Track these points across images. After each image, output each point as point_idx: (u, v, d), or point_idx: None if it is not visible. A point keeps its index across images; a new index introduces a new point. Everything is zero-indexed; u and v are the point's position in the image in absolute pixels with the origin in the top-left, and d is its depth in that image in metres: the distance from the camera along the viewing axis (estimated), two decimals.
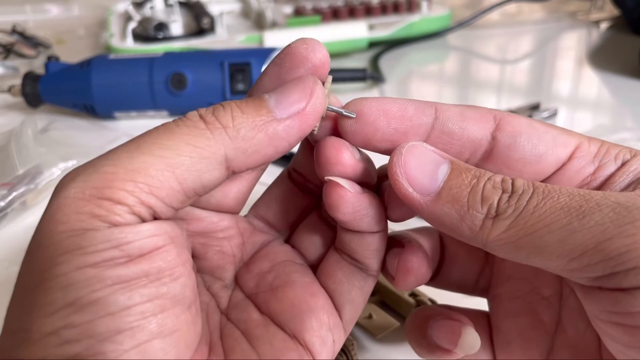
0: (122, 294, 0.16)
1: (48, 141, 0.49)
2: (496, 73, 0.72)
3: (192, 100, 0.54)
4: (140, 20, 0.69)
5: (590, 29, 0.84)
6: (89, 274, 0.16)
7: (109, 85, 0.54)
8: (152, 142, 0.17)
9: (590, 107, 0.61)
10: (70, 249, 0.16)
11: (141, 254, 0.17)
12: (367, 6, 0.74)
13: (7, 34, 0.73)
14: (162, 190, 0.17)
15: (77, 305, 0.16)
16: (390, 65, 0.69)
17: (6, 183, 0.41)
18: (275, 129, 0.18)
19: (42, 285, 0.16)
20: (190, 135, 0.18)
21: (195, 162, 0.17)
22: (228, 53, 0.55)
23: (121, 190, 0.17)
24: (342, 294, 0.22)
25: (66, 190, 0.17)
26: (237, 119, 0.18)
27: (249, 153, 0.18)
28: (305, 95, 0.19)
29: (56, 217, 0.16)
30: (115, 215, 0.16)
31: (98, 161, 0.17)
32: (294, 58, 0.20)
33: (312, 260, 0.23)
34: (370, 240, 0.21)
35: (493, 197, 0.18)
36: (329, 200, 0.20)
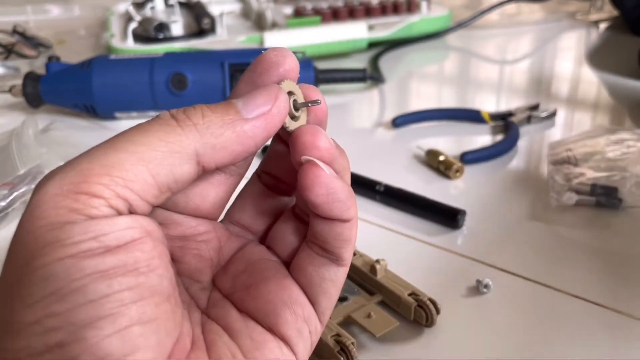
0: (101, 282, 0.17)
1: (49, 141, 0.49)
2: (496, 73, 0.72)
3: (192, 100, 0.55)
4: (140, 21, 0.69)
5: (590, 30, 0.85)
6: (68, 264, 0.16)
7: (110, 86, 0.54)
8: (126, 140, 0.18)
9: (589, 107, 0.61)
10: (50, 241, 0.17)
11: (118, 245, 0.17)
12: (366, 7, 0.74)
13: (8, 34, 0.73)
14: (137, 184, 0.18)
15: (57, 295, 0.16)
16: (390, 66, 0.69)
17: (7, 183, 0.41)
18: (242, 127, 0.20)
19: (24, 278, 0.17)
20: (162, 132, 0.19)
21: (167, 156, 0.18)
22: (228, 53, 0.55)
23: (97, 184, 0.17)
24: (314, 287, 0.23)
25: (44, 187, 0.17)
26: (207, 117, 0.19)
27: (218, 149, 0.19)
28: (270, 99, 0.20)
29: (35, 212, 0.17)
30: (92, 208, 0.17)
31: (74, 160, 0.18)
32: (264, 64, 0.22)
33: (285, 257, 0.24)
34: (340, 230, 0.22)
35: None
36: (304, 181, 0.21)
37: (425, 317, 0.31)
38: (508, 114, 0.54)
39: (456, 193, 0.44)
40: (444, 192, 0.44)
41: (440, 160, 0.47)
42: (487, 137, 0.53)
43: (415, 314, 0.31)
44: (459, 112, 0.56)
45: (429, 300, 0.31)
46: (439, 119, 0.56)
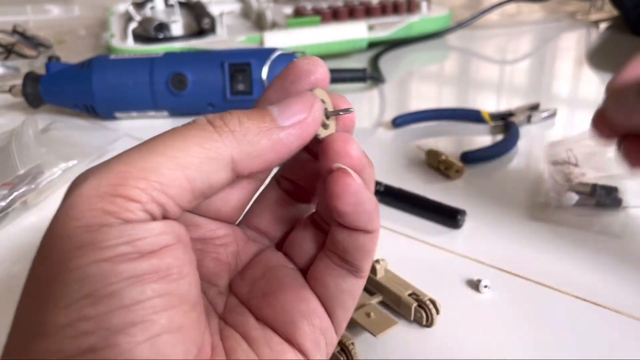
0: (134, 287, 0.16)
1: (49, 141, 0.49)
2: (496, 73, 0.72)
3: (192, 100, 0.55)
4: (140, 21, 0.69)
5: (590, 29, 0.85)
6: (103, 268, 0.16)
7: (110, 86, 0.54)
8: (163, 144, 0.18)
9: (589, 107, 0.61)
10: (85, 243, 0.16)
11: (152, 251, 0.17)
12: (367, 6, 0.74)
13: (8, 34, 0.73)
14: (173, 189, 0.18)
15: (92, 298, 0.16)
16: (390, 66, 0.69)
17: (7, 183, 0.41)
18: (278, 135, 0.20)
19: (57, 279, 0.16)
20: (200, 137, 0.19)
21: (204, 163, 0.18)
22: (228, 53, 0.55)
23: (134, 187, 0.17)
24: (331, 298, 0.22)
25: (80, 188, 0.17)
26: (244, 124, 0.19)
27: (253, 156, 0.19)
28: (306, 107, 0.20)
29: (70, 213, 0.17)
30: (128, 211, 0.17)
31: (111, 161, 0.18)
32: (297, 72, 0.22)
33: (302, 265, 0.24)
34: (363, 241, 0.22)
35: None
36: (334, 188, 0.20)
37: (426, 317, 0.31)
38: (508, 114, 0.54)
39: (456, 193, 0.44)
40: (444, 192, 0.44)
41: (441, 160, 0.47)
42: (487, 137, 0.53)
43: (415, 314, 0.31)
44: (459, 112, 0.56)
45: (429, 300, 0.31)
46: (439, 119, 0.56)
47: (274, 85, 0.22)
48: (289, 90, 0.21)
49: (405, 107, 0.59)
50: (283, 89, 0.22)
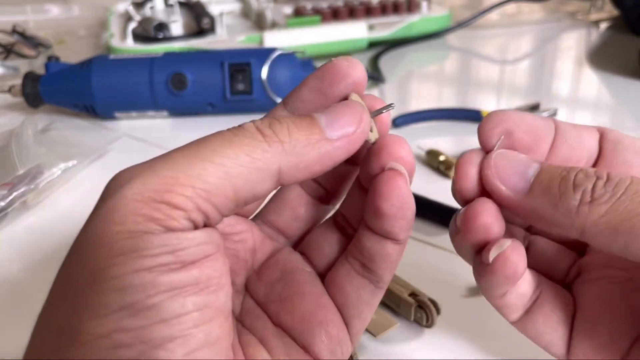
0: (174, 300, 0.16)
1: (48, 141, 0.49)
2: (496, 73, 0.72)
3: (192, 100, 0.55)
4: (140, 21, 0.69)
5: (590, 29, 0.84)
6: (145, 279, 0.16)
7: (110, 86, 0.54)
8: (212, 150, 0.18)
9: (590, 107, 0.61)
10: (126, 250, 0.16)
11: (193, 261, 0.17)
12: (367, 6, 0.74)
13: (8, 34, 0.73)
14: (218, 198, 0.17)
15: (132, 309, 0.16)
16: (390, 66, 0.69)
17: (6, 183, 0.41)
18: (326, 148, 0.19)
19: (96, 286, 0.16)
20: (249, 146, 0.18)
21: (252, 173, 0.18)
22: (228, 53, 0.55)
23: (180, 195, 0.17)
24: (350, 308, 0.22)
25: (123, 190, 0.17)
26: (293, 135, 0.19)
27: (300, 168, 0.19)
28: (355, 120, 0.20)
29: (112, 216, 0.16)
30: (172, 219, 0.16)
31: (155, 164, 0.17)
32: (336, 73, 0.21)
33: (321, 268, 0.23)
34: (391, 251, 0.21)
35: (586, 184, 0.19)
36: (384, 187, 0.20)
37: (426, 318, 0.31)
38: None
39: None
40: (444, 192, 0.44)
41: (441, 161, 0.46)
42: None
43: (415, 315, 0.31)
44: (459, 112, 0.56)
45: (429, 300, 0.31)
46: (439, 118, 0.56)
47: (309, 83, 0.21)
48: (326, 92, 0.21)
49: (406, 107, 0.59)
50: (319, 90, 0.21)
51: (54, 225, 0.41)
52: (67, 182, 0.46)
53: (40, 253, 0.38)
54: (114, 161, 0.50)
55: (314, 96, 0.21)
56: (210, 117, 0.57)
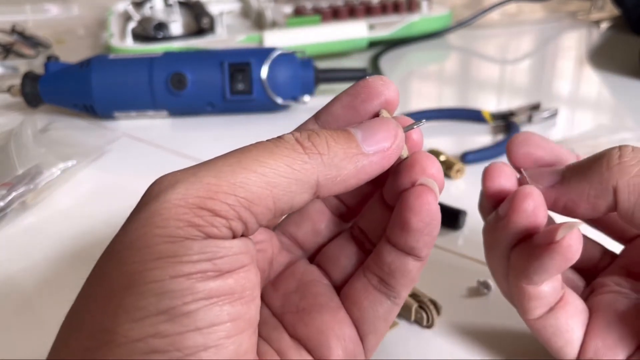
0: (210, 309, 0.16)
1: (48, 141, 0.49)
2: (496, 73, 0.72)
3: (192, 100, 0.54)
4: (140, 20, 0.69)
5: (591, 29, 0.84)
6: (183, 285, 0.16)
7: (109, 85, 0.53)
8: (253, 159, 0.18)
9: (590, 107, 0.61)
10: (165, 255, 0.16)
11: (229, 270, 0.17)
12: (367, 6, 0.74)
13: (7, 34, 0.73)
14: (258, 207, 0.17)
15: (168, 315, 0.16)
16: (390, 65, 0.69)
17: (6, 183, 0.41)
18: (362, 162, 0.19)
19: (133, 289, 0.16)
20: (289, 157, 0.18)
21: (292, 184, 0.18)
22: (228, 53, 0.55)
23: (223, 202, 0.17)
24: (366, 323, 0.22)
25: (167, 194, 0.17)
26: (332, 148, 0.19)
27: (337, 181, 0.19)
28: (390, 136, 0.20)
29: (154, 219, 0.16)
30: (212, 227, 0.17)
31: (199, 170, 0.17)
32: (369, 91, 0.21)
33: (337, 281, 0.24)
34: (411, 267, 0.22)
35: (612, 152, 0.22)
36: (415, 202, 0.20)
37: (426, 318, 0.31)
38: (509, 114, 0.54)
39: (457, 193, 0.44)
40: (444, 192, 0.43)
41: (441, 161, 0.46)
42: (488, 137, 0.53)
43: (415, 315, 0.31)
44: (460, 111, 0.56)
45: (429, 301, 0.31)
46: (439, 118, 0.55)
47: (342, 100, 0.22)
48: (358, 108, 0.21)
49: (406, 107, 0.58)
50: (352, 106, 0.21)
51: (53, 225, 0.41)
52: (67, 182, 0.46)
53: (40, 253, 0.38)
54: (113, 161, 0.50)
55: (345, 112, 0.21)
56: (210, 116, 0.56)
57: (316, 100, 0.57)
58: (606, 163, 0.21)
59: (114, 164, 0.49)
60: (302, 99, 0.56)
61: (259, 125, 0.55)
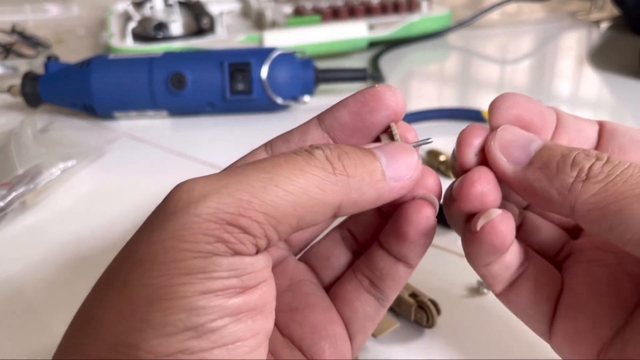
0: (235, 325, 0.16)
1: (47, 141, 0.49)
2: (496, 73, 0.72)
3: (192, 100, 0.54)
4: (140, 20, 0.69)
5: (591, 29, 0.84)
6: (213, 302, 0.16)
7: (109, 85, 0.53)
8: (285, 177, 0.18)
9: (590, 107, 0.61)
10: (194, 270, 0.16)
11: (254, 286, 0.17)
12: (367, 6, 0.74)
13: (7, 34, 0.73)
14: (284, 226, 0.18)
15: (197, 331, 0.16)
16: (390, 65, 0.69)
17: (6, 183, 0.41)
18: (384, 189, 0.19)
19: (161, 304, 0.16)
20: (319, 178, 0.18)
21: (317, 205, 0.18)
22: (228, 53, 0.55)
23: (254, 221, 0.17)
24: (356, 323, 0.23)
25: (197, 208, 0.17)
26: (360, 172, 0.19)
27: (357, 206, 0.19)
28: (412, 168, 0.20)
29: (182, 233, 0.16)
30: (240, 244, 0.17)
31: (229, 183, 0.17)
32: (378, 101, 0.21)
33: (327, 281, 0.24)
34: (402, 274, 0.22)
35: (584, 162, 0.19)
36: (415, 215, 0.21)
37: (426, 318, 0.31)
38: None
39: None
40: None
41: (441, 161, 0.46)
42: None
43: (415, 315, 0.31)
44: (460, 111, 0.56)
45: (429, 301, 0.31)
46: (439, 118, 0.55)
47: (349, 106, 0.22)
48: (365, 118, 0.21)
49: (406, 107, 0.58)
50: (359, 114, 0.21)
51: (53, 225, 0.41)
52: (66, 182, 0.46)
53: (40, 253, 0.38)
54: (113, 161, 0.50)
55: (352, 119, 0.21)
56: (210, 116, 0.56)
57: (316, 100, 0.57)
58: (571, 177, 0.19)
59: (114, 164, 0.49)
60: (302, 99, 0.56)
61: (259, 125, 0.55)
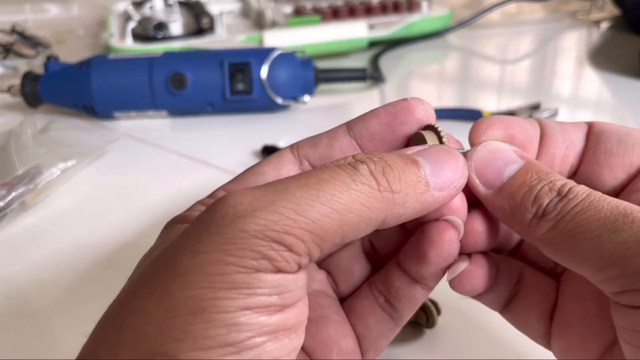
0: (273, 343, 0.16)
1: (47, 141, 0.49)
2: (496, 73, 0.72)
3: (192, 100, 0.54)
4: (139, 20, 0.69)
5: (591, 29, 0.84)
6: (254, 319, 0.16)
7: (109, 85, 0.53)
8: (331, 194, 0.17)
9: (590, 107, 0.61)
10: (239, 285, 0.16)
11: (292, 304, 0.17)
12: (367, 6, 0.74)
13: (7, 34, 0.73)
14: (327, 244, 0.17)
15: (236, 348, 0.16)
16: (390, 65, 0.69)
17: (5, 183, 0.41)
18: (427, 202, 0.19)
19: (203, 316, 0.16)
20: (364, 195, 0.18)
21: (361, 222, 0.18)
22: (228, 53, 0.55)
23: (299, 239, 0.17)
24: (369, 339, 0.22)
25: (245, 223, 0.16)
26: (404, 186, 0.19)
27: (400, 219, 0.19)
28: (458, 175, 0.20)
29: (228, 247, 0.16)
30: (284, 262, 0.17)
31: (277, 199, 0.17)
32: (409, 114, 0.22)
33: (344, 292, 0.24)
34: (419, 294, 0.22)
35: (544, 199, 0.19)
36: (438, 237, 0.20)
37: (426, 318, 0.30)
38: (509, 114, 0.54)
39: None
40: None
41: None
42: None
43: (415, 315, 0.31)
44: (460, 111, 0.56)
45: (429, 301, 0.31)
46: (439, 118, 0.55)
47: (380, 115, 0.22)
48: (396, 129, 0.21)
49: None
50: (389, 125, 0.22)
51: (53, 225, 0.41)
52: (66, 182, 0.46)
53: (40, 253, 0.38)
54: (113, 161, 0.50)
55: (382, 129, 0.22)
56: (210, 116, 0.56)
57: (316, 100, 0.57)
58: (530, 214, 0.19)
59: (114, 164, 0.49)
60: (302, 99, 0.56)
61: (259, 125, 0.55)
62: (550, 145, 0.22)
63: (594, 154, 0.22)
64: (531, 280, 0.24)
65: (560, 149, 0.22)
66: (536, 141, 0.22)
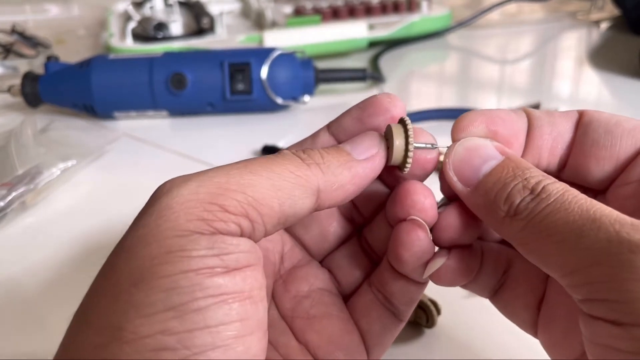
0: (219, 307, 0.16)
1: (47, 141, 0.49)
2: (496, 73, 0.72)
3: (192, 100, 0.54)
4: (139, 20, 0.69)
5: (591, 29, 0.84)
6: (193, 280, 0.16)
7: (109, 85, 0.53)
8: (259, 165, 0.19)
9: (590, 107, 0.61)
10: (175, 249, 0.16)
11: (236, 268, 0.17)
12: (367, 6, 0.74)
13: (7, 34, 0.73)
14: (265, 208, 0.18)
15: (178, 311, 0.16)
16: (390, 65, 0.69)
17: (6, 183, 0.41)
18: (356, 168, 0.21)
19: (142, 284, 0.16)
20: (292, 165, 0.19)
21: (295, 188, 0.19)
22: (228, 53, 0.55)
23: (232, 199, 0.17)
24: (373, 336, 0.23)
25: (179, 189, 0.17)
26: (325, 157, 0.20)
27: (335, 188, 0.20)
28: (375, 144, 0.21)
29: (164, 213, 0.17)
30: (221, 221, 0.17)
31: (209, 172, 0.18)
32: (377, 107, 0.23)
33: (346, 290, 0.24)
34: (413, 290, 0.22)
35: (516, 197, 0.19)
36: (406, 238, 0.21)
37: (426, 318, 0.31)
38: None
39: None
40: None
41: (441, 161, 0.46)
42: None
43: (415, 315, 0.31)
44: (460, 111, 0.55)
45: (429, 300, 0.31)
46: (439, 118, 0.55)
47: (352, 112, 0.23)
48: (365, 122, 0.22)
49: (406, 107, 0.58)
50: (360, 119, 0.23)
51: (53, 225, 0.41)
52: (66, 182, 0.46)
53: (39, 253, 0.38)
54: (113, 161, 0.50)
55: (354, 124, 0.23)
56: (210, 117, 0.56)
57: (316, 100, 0.57)
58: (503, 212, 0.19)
59: (114, 164, 0.49)
60: (302, 99, 0.56)
61: (259, 125, 0.55)
62: (537, 138, 0.22)
63: (581, 145, 0.21)
64: (520, 270, 0.23)
65: (547, 141, 0.22)
66: (522, 134, 0.22)
